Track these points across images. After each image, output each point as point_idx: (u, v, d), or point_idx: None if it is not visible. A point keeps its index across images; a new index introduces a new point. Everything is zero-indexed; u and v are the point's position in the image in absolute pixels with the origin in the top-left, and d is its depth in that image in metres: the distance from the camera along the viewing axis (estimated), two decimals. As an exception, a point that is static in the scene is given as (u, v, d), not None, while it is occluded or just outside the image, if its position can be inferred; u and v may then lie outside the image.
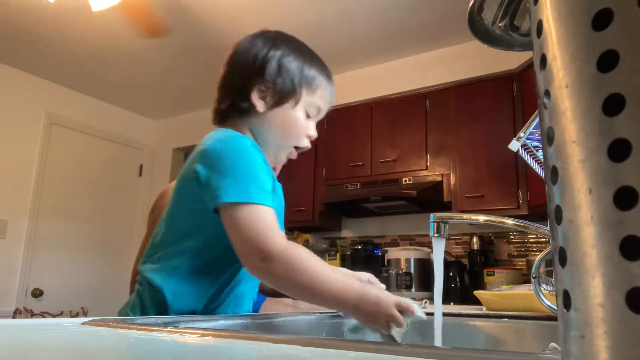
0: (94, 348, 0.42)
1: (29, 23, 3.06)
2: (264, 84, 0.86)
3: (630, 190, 0.18)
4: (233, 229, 0.75)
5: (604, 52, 0.19)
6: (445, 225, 0.84)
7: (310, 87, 0.89)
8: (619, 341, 0.18)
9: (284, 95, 0.87)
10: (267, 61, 0.86)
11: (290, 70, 0.87)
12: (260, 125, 0.88)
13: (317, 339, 0.44)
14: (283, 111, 0.88)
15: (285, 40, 0.91)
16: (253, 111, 0.87)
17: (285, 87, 0.87)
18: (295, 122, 0.89)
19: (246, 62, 0.87)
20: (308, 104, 0.89)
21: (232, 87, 0.89)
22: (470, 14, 0.35)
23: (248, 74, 0.87)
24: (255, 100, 0.86)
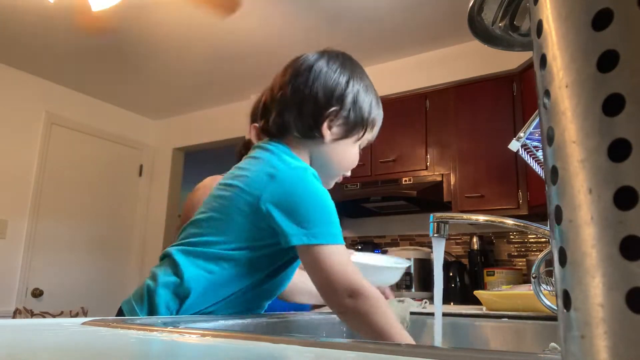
0: (94, 348, 0.42)
1: (29, 23, 3.06)
2: (337, 115, 0.86)
3: (630, 190, 0.18)
4: (318, 268, 0.76)
5: (604, 52, 0.19)
6: (445, 225, 0.84)
7: (371, 128, 0.92)
8: (619, 341, 0.18)
9: (352, 131, 0.88)
10: (347, 93, 0.87)
11: (362, 108, 0.88)
12: (320, 153, 0.89)
13: (317, 339, 0.44)
14: (345, 144, 0.89)
15: (357, 70, 0.92)
16: (317, 139, 0.87)
17: (356, 122, 0.88)
18: (352, 156, 0.92)
19: (325, 87, 0.86)
20: (365, 140, 0.93)
21: (302, 111, 0.86)
22: (470, 14, 0.35)
23: (324, 101, 0.86)
24: (324, 130, 0.86)
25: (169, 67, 3.58)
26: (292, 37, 3.14)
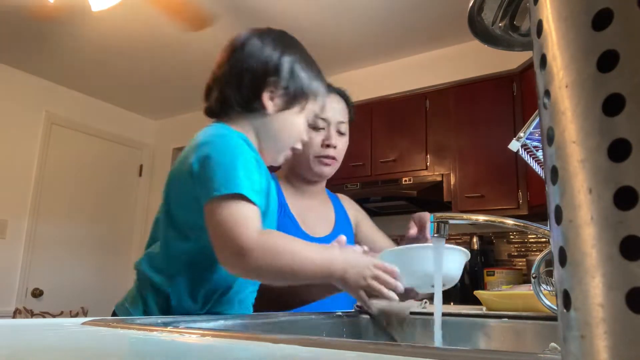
0: (94, 348, 0.42)
1: (29, 23, 3.06)
2: (276, 85, 0.88)
3: (630, 190, 0.18)
4: (210, 226, 0.74)
5: (604, 52, 0.19)
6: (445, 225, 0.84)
7: (315, 97, 0.93)
8: (619, 341, 0.18)
9: (294, 100, 0.90)
10: (281, 64, 0.88)
11: (301, 78, 0.90)
12: (264, 125, 0.90)
13: (317, 339, 0.44)
14: (290, 115, 0.90)
15: (294, 44, 0.94)
16: (260, 111, 0.89)
17: (296, 92, 0.90)
18: (298, 127, 0.92)
19: (259, 61, 0.88)
20: (310, 111, 0.94)
21: (241, 83, 0.89)
22: (470, 14, 0.35)
23: (261, 74, 0.88)
24: (266, 101, 0.88)
25: (169, 67, 3.58)
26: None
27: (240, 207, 0.73)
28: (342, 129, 1.24)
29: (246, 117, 0.90)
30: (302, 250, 0.76)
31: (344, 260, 0.78)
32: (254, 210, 0.75)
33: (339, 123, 1.22)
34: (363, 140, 3.23)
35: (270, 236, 0.75)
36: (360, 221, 1.33)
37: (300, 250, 0.75)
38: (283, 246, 0.74)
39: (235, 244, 0.71)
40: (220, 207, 0.73)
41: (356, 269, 0.78)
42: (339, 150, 1.23)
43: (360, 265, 0.79)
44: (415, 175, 3.05)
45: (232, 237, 0.71)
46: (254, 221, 0.74)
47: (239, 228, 0.71)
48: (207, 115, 0.94)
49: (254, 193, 0.76)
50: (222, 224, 0.72)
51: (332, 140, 1.19)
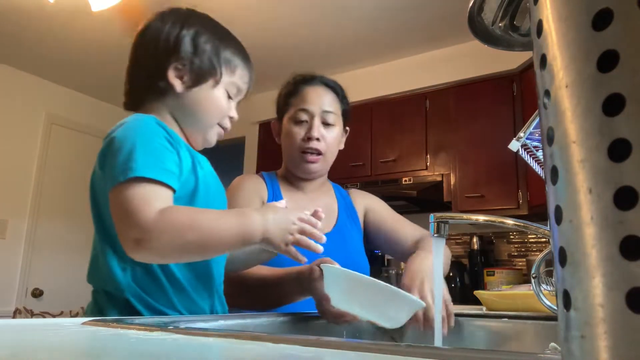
0: (94, 348, 0.42)
1: (29, 23, 3.06)
2: (180, 62, 0.84)
3: (630, 190, 0.18)
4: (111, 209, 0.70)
5: (604, 52, 0.19)
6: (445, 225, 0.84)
7: (229, 67, 0.88)
8: (619, 341, 0.18)
9: (203, 75, 0.85)
10: (181, 39, 0.84)
11: (206, 49, 0.85)
12: (179, 106, 0.86)
13: (317, 339, 0.44)
14: (203, 91, 0.86)
15: (198, 18, 0.89)
16: (171, 92, 0.84)
17: (204, 66, 0.85)
18: (216, 101, 0.87)
19: (158, 41, 0.85)
20: (228, 83, 0.88)
21: (146, 68, 0.86)
22: (470, 14, 0.35)
23: (162, 54, 0.84)
24: (173, 80, 0.84)
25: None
26: (293, 37, 3.14)
27: (137, 190, 0.68)
28: (330, 119, 1.16)
29: (159, 102, 0.86)
30: (211, 220, 0.71)
31: (263, 220, 0.73)
32: (155, 190, 0.70)
33: (324, 113, 1.15)
34: (363, 140, 3.23)
35: (171, 213, 0.68)
36: (372, 210, 1.26)
37: (209, 220, 0.71)
38: (186, 220, 0.69)
39: (133, 229, 0.66)
40: (118, 193, 0.68)
41: (280, 226, 0.74)
42: (327, 142, 1.16)
43: (284, 221, 0.75)
44: (415, 175, 3.05)
45: (128, 223, 0.67)
46: (154, 201, 0.68)
47: (135, 211, 0.66)
48: (126, 110, 0.89)
49: (160, 171, 0.71)
50: (119, 212, 0.68)
51: (314, 132, 1.13)
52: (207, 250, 0.72)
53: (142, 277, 0.77)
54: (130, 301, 0.75)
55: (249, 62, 0.92)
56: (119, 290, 0.76)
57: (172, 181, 0.73)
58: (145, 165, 0.70)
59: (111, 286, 0.76)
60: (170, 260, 0.74)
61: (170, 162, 0.74)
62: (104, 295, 0.78)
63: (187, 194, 0.79)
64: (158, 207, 0.68)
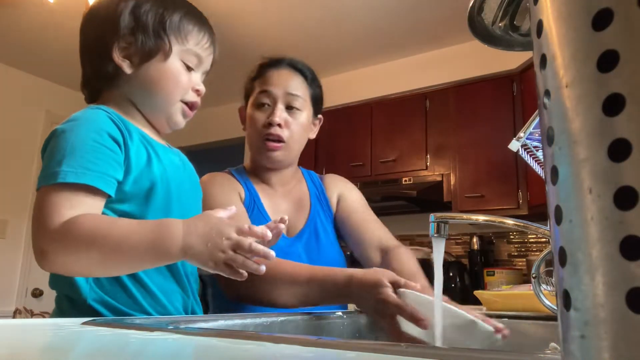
0: (94, 348, 0.42)
1: (29, 23, 3.06)
2: (123, 40, 0.77)
3: (630, 190, 0.18)
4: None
5: (604, 52, 0.19)
6: (445, 225, 0.84)
7: (180, 34, 0.79)
8: (619, 341, 0.18)
9: (149, 49, 0.77)
10: (119, 15, 0.77)
11: (148, 20, 0.77)
12: (133, 88, 0.79)
13: (317, 339, 0.44)
14: (154, 66, 0.78)
15: None
16: (122, 75, 0.78)
17: (148, 39, 0.77)
18: (171, 75, 0.78)
19: (96, 22, 0.79)
20: (183, 53, 0.80)
21: (92, 54, 0.80)
22: (470, 14, 0.35)
23: (102, 35, 0.78)
24: (120, 61, 0.77)
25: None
26: (293, 37, 3.14)
27: (53, 196, 0.63)
28: (296, 103, 1.05)
29: (114, 88, 0.80)
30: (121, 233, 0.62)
31: (185, 234, 0.62)
32: (75, 197, 0.64)
33: (288, 95, 1.05)
34: (363, 140, 3.23)
35: (74, 224, 0.62)
36: (344, 198, 1.17)
37: (118, 234, 0.62)
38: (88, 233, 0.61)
39: (39, 240, 0.62)
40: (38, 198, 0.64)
41: (207, 241, 0.62)
42: (290, 130, 1.05)
43: (214, 235, 0.63)
44: (415, 175, 3.05)
45: (36, 232, 0.62)
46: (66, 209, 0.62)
47: (43, 220, 0.62)
48: (85, 100, 0.85)
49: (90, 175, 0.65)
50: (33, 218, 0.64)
51: (275, 117, 1.02)
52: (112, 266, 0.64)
53: (105, 282, 0.72)
54: (94, 307, 0.70)
55: (205, 25, 0.83)
56: (80, 296, 0.71)
57: (105, 184, 0.66)
58: (73, 169, 0.64)
59: (72, 292, 0.72)
60: (78, 273, 0.67)
61: (108, 163, 0.68)
62: (67, 301, 0.74)
63: (142, 191, 0.73)
64: (67, 216, 0.62)
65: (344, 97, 3.30)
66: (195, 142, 4.42)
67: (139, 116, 0.81)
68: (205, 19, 0.84)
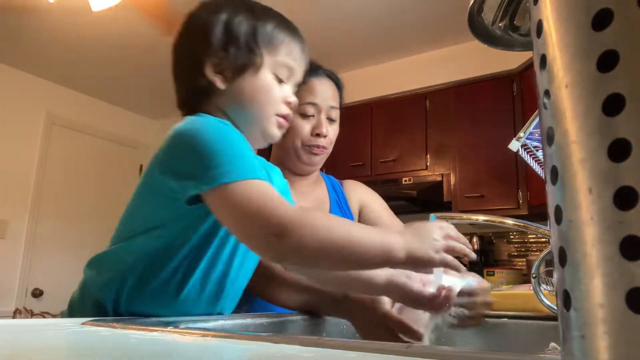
0: (94, 348, 0.42)
1: (29, 23, 3.06)
2: (216, 55, 0.76)
3: (630, 190, 0.18)
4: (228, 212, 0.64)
5: (604, 52, 0.19)
6: (445, 225, 0.84)
7: (271, 46, 0.78)
8: (619, 341, 0.18)
9: (242, 63, 0.76)
10: (212, 28, 0.76)
11: (241, 32, 0.76)
12: (228, 103, 0.78)
13: (317, 339, 0.44)
14: (247, 81, 0.77)
15: (231, 2, 0.80)
16: (216, 90, 0.77)
17: (241, 52, 0.76)
18: (264, 88, 0.77)
19: (189, 36, 0.79)
20: (274, 65, 0.78)
21: (185, 70, 0.80)
22: (470, 14, 0.35)
23: (196, 49, 0.77)
24: (213, 77, 0.76)
25: (170, 67, 3.58)
26: (292, 37, 3.14)
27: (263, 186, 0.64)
28: (333, 115, 1.13)
29: (209, 103, 0.78)
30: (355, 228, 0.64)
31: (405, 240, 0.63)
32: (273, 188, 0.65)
33: (330, 109, 1.12)
34: (363, 140, 3.23)
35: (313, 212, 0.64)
36: (367, 206, 1.20)
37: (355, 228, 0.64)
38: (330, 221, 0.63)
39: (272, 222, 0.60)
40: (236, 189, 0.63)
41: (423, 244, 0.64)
42: (329, 139, 1.12)
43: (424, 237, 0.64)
44: (415, 175, 3.05)
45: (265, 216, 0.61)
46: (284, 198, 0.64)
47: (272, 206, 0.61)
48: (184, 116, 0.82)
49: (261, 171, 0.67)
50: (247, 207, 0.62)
51: (323, 129, 1.09)
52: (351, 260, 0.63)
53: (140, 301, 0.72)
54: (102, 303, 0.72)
55: (296, 35, 0.82)
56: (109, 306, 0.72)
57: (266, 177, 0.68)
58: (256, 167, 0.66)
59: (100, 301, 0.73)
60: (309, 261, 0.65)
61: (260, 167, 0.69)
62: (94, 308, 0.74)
63: None
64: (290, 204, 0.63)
65: (344, 97, 3.30)
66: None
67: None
68: (297, 29, 0.83)
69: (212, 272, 0.74)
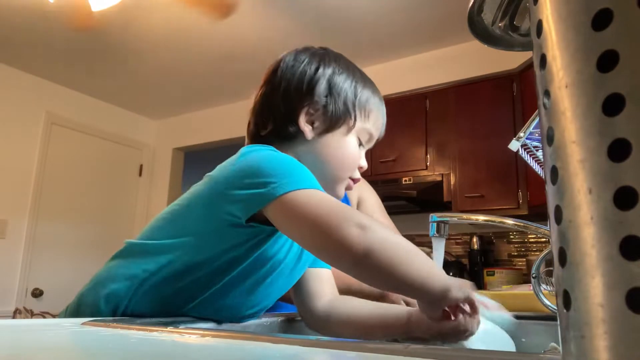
0: (94, 348, 0.42)
1: (29, 23, 3.06)
2: (313, 106, 0.76)
3: (630, 190, 0.18)
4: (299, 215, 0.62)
5: (604, 52, 0.19)
6: (445, 225, 0.84)
7: (364, 111, 0.79)
8: (619, 341, 0.18)
9: (336, 120, 0.77)
10: (317, 80, 0.76)
11: (343, 91, 0.77)
12: (308, 153, 0.77)
13: (317, 339, 0.44)
14: (334, 138, 0.77)
15: (334, 56, 0.82)
16: (300, 138, 0.76)
17: (337, 110, 0.76)
18: (348, 150, 0.78)
19: (291, 81, 0.77)
20: (361, 130, 0.79)
21: (275, 110, 0.78)
22: (470, 14, 0.35)
23: (294, 95, 0.77)
24: (304, 126, 0.76)
25: (169, 67, 3.58)
26: (292, 37, 3.14)
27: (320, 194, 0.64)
28: None
29: (287, 147, 0.77)
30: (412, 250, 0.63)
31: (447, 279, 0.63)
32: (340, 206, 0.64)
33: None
34: (363, 140, 3.23)
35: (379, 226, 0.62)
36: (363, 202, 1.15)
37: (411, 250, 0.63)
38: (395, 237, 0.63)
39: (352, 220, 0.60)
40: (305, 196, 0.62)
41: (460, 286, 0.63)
42: None
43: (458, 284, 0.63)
44: (415, 175, 3.05)
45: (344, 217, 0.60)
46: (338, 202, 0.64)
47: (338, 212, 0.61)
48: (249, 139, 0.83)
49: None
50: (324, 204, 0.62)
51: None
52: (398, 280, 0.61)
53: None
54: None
55: (383, 106, 0.84)
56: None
57: None
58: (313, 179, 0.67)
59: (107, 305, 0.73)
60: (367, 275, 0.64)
61: None
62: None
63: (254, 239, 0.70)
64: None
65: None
66: (195, 142, 4.43)
67: None
68: (382, 99, 0.85)
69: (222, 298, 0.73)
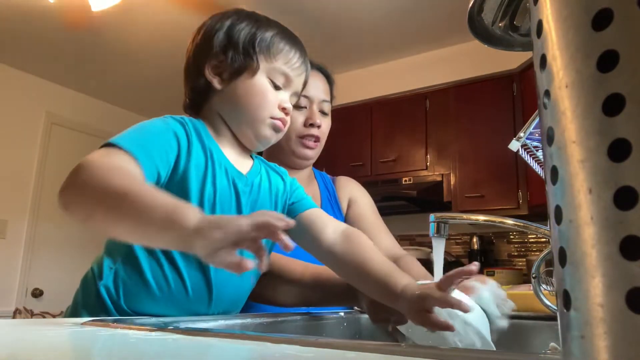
0: (94, 348, 0.42)
1: (29, 23, 3.06)
2: (216, 58, 0.81)
3: (630, 190, 0.18)
4: None
5: (604, 52, 0.19)
6: (445, 225, 0.84)
7: (269, 53, 0.81)
8: (619, 341, 0.18)
9: (239, 66, 0.80)
10: (214, 33, 0.81)
11: (240, 38, 0.81)
12: (223, 103, 0.82)
13: (317, 339, 0.44)
14: (242, 83, 0.80)
15: (239, 12, 0.85)
16: (214, 91, 0.82)
17: (238, 56, 0.80)
18: (258, 91, 0.80)
19: (196, 41, 0.84)
20: (270, 71, 0.81)
21: (189, 72, 0.84)
22: (470, 14, 0.35)
23: (198, 52, 0.83)
24: (211, 77, 0.81)
25: (169, 67, 3.58)
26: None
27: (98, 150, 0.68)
28: (325, 108, 1.16)
29: (208, 103, 0.83)
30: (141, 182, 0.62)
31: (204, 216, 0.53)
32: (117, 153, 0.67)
33: (321, 102, 1.15)
34: (363, 140, 3.23)
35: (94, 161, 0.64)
36: (355, 202, 1.20)
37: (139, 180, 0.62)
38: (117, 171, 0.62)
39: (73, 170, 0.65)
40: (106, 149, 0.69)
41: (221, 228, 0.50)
42: (322, 130, 1.15)
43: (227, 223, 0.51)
44: (415, 175, 3.05)
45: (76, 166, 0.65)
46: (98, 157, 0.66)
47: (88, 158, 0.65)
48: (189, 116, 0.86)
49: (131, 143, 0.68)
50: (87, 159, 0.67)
51: (316, 119, 1.12)
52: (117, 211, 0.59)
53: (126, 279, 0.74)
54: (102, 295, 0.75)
55: (295, 45, 0.85)
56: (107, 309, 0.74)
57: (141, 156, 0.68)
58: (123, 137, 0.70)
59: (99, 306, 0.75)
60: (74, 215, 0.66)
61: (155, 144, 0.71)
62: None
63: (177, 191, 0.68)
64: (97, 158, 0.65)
65: (344, 97, 3.30)
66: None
67: (228, 133, 0.83)
68: (298, 40, 0.87)
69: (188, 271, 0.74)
